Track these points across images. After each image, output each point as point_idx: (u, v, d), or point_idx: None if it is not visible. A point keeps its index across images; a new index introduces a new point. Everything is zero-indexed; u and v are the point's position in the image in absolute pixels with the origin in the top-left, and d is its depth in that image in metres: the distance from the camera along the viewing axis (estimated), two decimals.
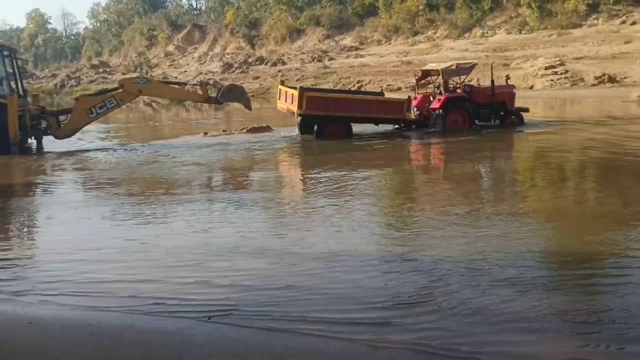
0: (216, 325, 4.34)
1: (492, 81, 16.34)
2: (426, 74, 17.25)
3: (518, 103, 17.23)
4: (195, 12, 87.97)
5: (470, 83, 16.80)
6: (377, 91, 20.63)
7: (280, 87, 16.99)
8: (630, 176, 9.82)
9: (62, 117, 15.55)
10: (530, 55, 39.60)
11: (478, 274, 5.15)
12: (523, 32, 46.45)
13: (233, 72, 51.64)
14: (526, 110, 17.11)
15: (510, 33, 47.00)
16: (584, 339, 3.94)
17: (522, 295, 4.63)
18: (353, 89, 40.89)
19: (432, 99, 16.30)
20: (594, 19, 43.94)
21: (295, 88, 15.72)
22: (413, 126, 16.36)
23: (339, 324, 4.25)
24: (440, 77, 16.11)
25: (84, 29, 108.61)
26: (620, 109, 21.54)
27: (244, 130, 17.59)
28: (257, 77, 48.23)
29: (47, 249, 6.62)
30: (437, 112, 15.72)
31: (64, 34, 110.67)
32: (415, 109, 16.43)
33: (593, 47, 38.91)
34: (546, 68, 36.08)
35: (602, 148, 12.59)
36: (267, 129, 17.99)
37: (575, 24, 44.01)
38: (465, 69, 16.51)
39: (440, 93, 16.18)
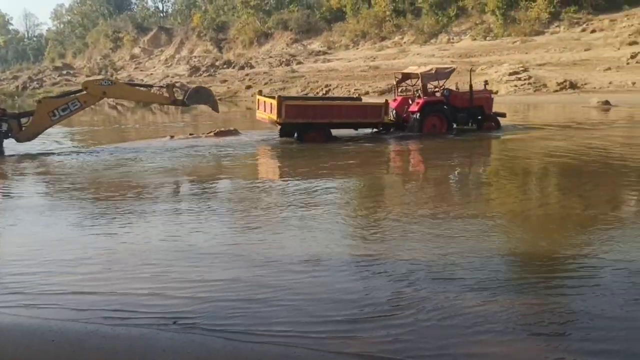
0: (181, 330, 4.29)
1: (471, 86, 16.72)
2: (406, 76, 17.42)
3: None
4: (162, 15, 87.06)
5: (449, 87, 16.95)
6: (355, 96, 20.53)
7: (258, 97, 16.98)
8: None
9: (23, 120, 15.13)
10: (495, 61, 40.35)
11: (447, 277, 5.22)
12: (488, 38, 47.31)
13: (200, 75, 51.29)
14: (503, 115, 17.38)
15: (475, 39, 47.81)
16: (551, 341, 4.02)
17: (490, 299, 4.70)
18: (321, 93, 41.13)
19: (410, 102, 16.50)
20: (556, 26, 45.03)
21: (273, 97, 15.79)
22: (391, 129, 16.54)
23: (308, 325, 4.25)
24: (420, 80, 16.29)
25: (46, 30, 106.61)
26: (582, 114, 22.07)
27: (211, 134, 17.46)
28: (224, 81, 48.00)
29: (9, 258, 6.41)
30: (415, 115, 15.92)
31: (26, 36, 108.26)
32: (393, 111, 16.64)
33: (555, 54, 39.87)
34: (510, 74, 36.82)
35: (578, 151, 12.89)
36: (235, 132, 17.89)
37: (538, 31, 45.03)
38: (444, 74, 16.73)
39: (419, 97, 16.35)
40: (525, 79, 35.99)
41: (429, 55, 46.02)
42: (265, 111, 16.02)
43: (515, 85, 35.66)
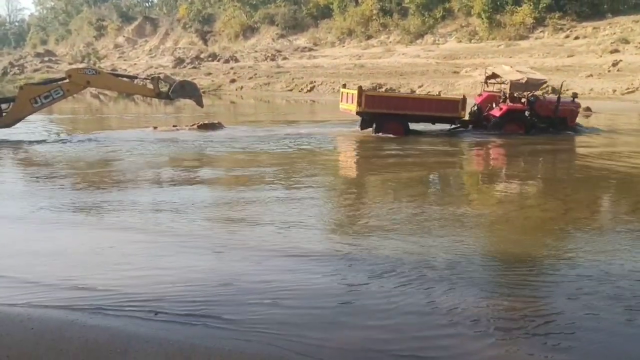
0: (163, 321, 4.29)
1: (559, 97, 16.85)
2: (496, 75, 17.59)
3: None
4: (147, 5, 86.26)
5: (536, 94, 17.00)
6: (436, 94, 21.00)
7: (342, 90, 17.54)
8: None
9: (4, 106, 14.96)
10: (479, 64, 40.64)
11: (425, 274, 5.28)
12: (473, 41, 47.66)
13: (184, 67, 50.96)
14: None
15: (460, 41, 48.14)
16: (525, 341, 4.09)
17: (465, 297, 4.76)
18: (306, 90, 41.09)
19: (494, 105, 16.78)
20: (540, 32, 45.51)
21: (354, 89, 16.41)
22: (469, 126, 16.84)
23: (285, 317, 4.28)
24: (509, 87, 16.43)
25: (29, 15, 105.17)
26: None
27: (195, 127, 17.38)
28: (209, 74, 47.76)
29: None
30: (495, 120, 16.32)
31: (8, 20, 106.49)
32: (475, 106, 17.11)
33: (539, 59, 40.29)
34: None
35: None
36: (219, 126, 17.81)
37: (522, 36, 45.48)
38: (534, 85, 16.74)
39: (503, 101, 16.62)
40: (507, 83, 36.25)
41: (414, 55, 46.29)
42: (347, 102, 16.64)
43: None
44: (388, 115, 15.77)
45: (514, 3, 46.89)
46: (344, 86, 18.32)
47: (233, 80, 45.42)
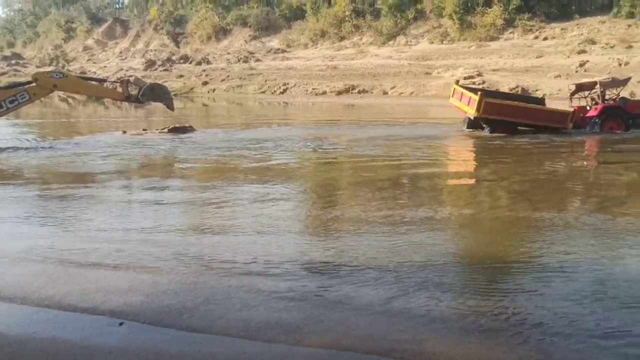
0: (127, 331, 4.20)
1: None
2: (579, 87, 18.28)
3: (436, 110, 17.88)
4: (117, 6, 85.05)
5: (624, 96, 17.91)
6: (539, 97, 20.87)
7: (455, 86, 18.11)
8: None
9: None
10: (451, 65, 41.06)
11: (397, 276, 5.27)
12: (444, 42, 48.10)
13: (156, 69, 50.36)
14: None
15: (432, 42, 48.53)
16: (494, 340, 4.10)
17: (438, 298, 4.77)
18: (279, 92, 41.02)
19: (588, 108, 17.54)
20: (510, 33, 46.14)
21: (474, 91, 17.15)
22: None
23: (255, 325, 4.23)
24: (598, 87, 17.34)
25: None
26: None
27: (165, 130, 17.18)
28: (181, 76, 47.28)
29: None
30: (594, 119, 16.94)
31: None
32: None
33: (509, 60, 40.84)
34: (465, 78, 37.47)
35: None
36: (190, 129, 17.64)
37: (492, 37, 46.05)
38: (620, 82, 17.77)
39: (596, 103, 17.46)
40: (479, 83, 36.70)
41: (387, 56, 46.52)
42: (461, 101, 17.09)
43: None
44: (502, 121, 16.48)
45: (485, 4, 47.48)
46: (457, 82, 19.02)
47: (205, 83, 45.05)
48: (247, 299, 4.75)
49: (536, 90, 32.54)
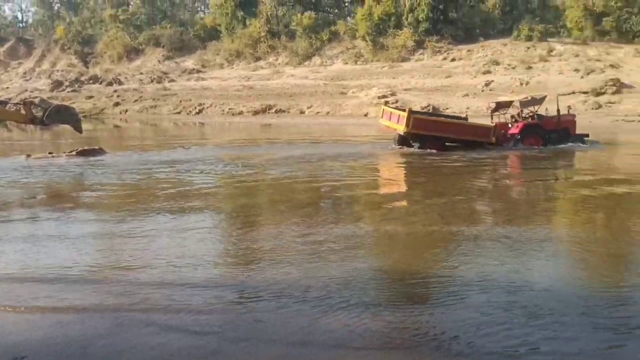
0: None
1: (558, 110, 18.86)
2: (499, 105, 19.62)
3: (353, 129, 18.20)
4: (21, 25, 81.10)
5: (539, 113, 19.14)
6: (462, 116, 22.33)
7: (384, 107, 19.20)
8: None
9: None
10: (365, 85, 42.04)
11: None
12: (359, 62, 49.20)
13: (63, 90, 48.22)
14: (586, 135, 19.04)
15: (347, 63, 49.51)
16: (409, 354, 4.11)
17: (359, 316, 4.74)
18: (194, 112, 40.43)
19: (510, 125, 18.80)
20: (420, 54, 47.89)
21: (402, 110, 18.16)
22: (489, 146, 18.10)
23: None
24: (518, 106, 18.86)
25: None
26: None
27: (74, 153, 16.39)
28: (90, 97, 45.57)
29: None
30: (516, 136, 18.20)
31: None
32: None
33: (420, 80, 42.33)
34: (379, 97, 38.46)
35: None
36: (101, 151, 16.93)
37: (404, 58, 47.60)
38: (537, 100, 19.14)
39: (515, 121, 18.86)
40: (393, 103, 37.76)
41: (303, 77, 47.00)
42: (390, 120, 18.02)
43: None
44: (430, 136, 17.26)
45: (396, 27, 49.10)
46: (385, 104, 20.04)
47: (117, 104, 43.66)
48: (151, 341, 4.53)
49: (446, 109, 33.93)
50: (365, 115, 37.22)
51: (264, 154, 17.00)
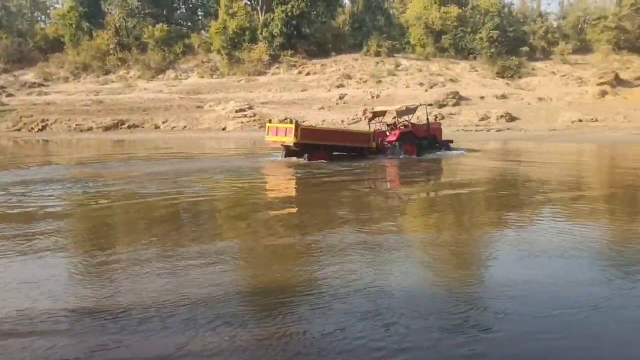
0: None
1: (427, 119, 21.12)
2: (375, 114, 21.13)
3: (211, 143, 17.89)
4: None
5: (411, 121, 20.80)
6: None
7: (268, 124, 19.52)
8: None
9: None
10: (222, 99, 41.74)
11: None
12: (214, 76, 48.80)
13: None
14: (451, 141, 21.17)
15: (202, 77, 48.90)
16: None
17: (230, 335, 4.56)
18: (37, 129, 37.55)
19: (388, 133, 19.91)
20: (276, 68, 48.63)
21: (290, 122, 18.65)
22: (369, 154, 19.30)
23: None
24: (395, 116, 20.32)
25: None
26: None
27: None
28: None
29: None
30: (394, 143, 19.33)
31: None
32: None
33: (277, 93, 42.91)
34: (237, 111, 38.40)
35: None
36: None
37: (260, 72, 48.05)
38: (411, 110, 21.03)
39: (392, 129, 20.12)
40: (250, 116, 37.86)
41: (157, 90, 45.62)
42: (277, 135, 18.52)
43: (242, 122, 37.32)
44: (318, 145, 18.18)
45: (251, 41, 49.40)
46: (270, 121, 20.38)
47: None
48: None
49: (304, 121, 34.66)
50: (224, 129, 36.96)
51: (114, 172, 16.07)
